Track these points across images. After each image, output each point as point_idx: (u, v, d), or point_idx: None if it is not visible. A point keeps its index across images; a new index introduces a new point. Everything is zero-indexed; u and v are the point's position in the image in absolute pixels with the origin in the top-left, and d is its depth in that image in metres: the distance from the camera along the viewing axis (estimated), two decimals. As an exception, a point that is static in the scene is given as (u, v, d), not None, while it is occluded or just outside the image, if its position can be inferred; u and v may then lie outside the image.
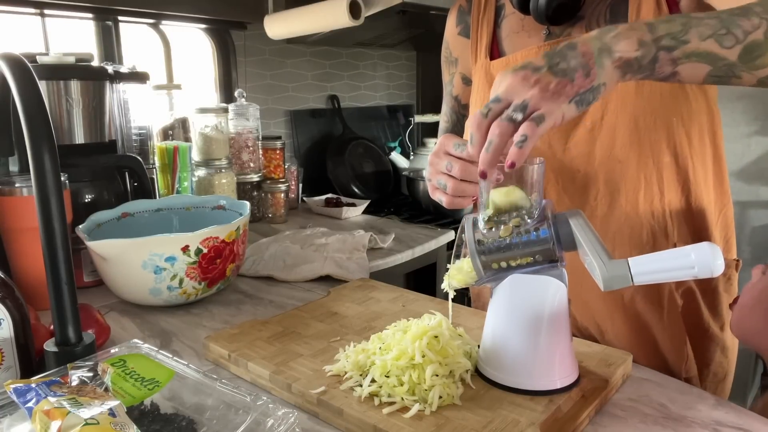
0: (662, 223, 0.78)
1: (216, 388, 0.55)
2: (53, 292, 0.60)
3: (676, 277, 0.54)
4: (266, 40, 1.69)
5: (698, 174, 0.78)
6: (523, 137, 0.52)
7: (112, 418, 0.45)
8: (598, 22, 0.78)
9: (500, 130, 0.54)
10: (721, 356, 0.82)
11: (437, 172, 0.68)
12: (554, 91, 0.53)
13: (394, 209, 1.87)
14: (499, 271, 0.62)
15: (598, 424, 0.60)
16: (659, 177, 0.77)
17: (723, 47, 0.54)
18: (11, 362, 0.63)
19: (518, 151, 0.52)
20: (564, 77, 0.53)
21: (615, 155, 0.78)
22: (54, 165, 0.59)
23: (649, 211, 0.78)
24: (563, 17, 0.79)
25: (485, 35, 0.90)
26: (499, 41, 0.89)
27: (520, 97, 0.54)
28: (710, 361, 0.81)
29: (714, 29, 0.54)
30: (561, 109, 0.53)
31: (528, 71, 0.54)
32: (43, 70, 1.06)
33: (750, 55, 0.54)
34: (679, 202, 0.78)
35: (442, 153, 0.67)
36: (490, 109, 0.56)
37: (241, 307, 0.96)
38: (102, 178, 1.12)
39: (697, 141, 0.77)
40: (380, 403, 0.60)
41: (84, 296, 0.96)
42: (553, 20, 0.79)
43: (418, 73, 2.49)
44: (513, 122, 0.53)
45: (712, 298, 0.81)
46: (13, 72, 0.60)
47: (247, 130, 1.57)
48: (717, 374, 0.82)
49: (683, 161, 0.77)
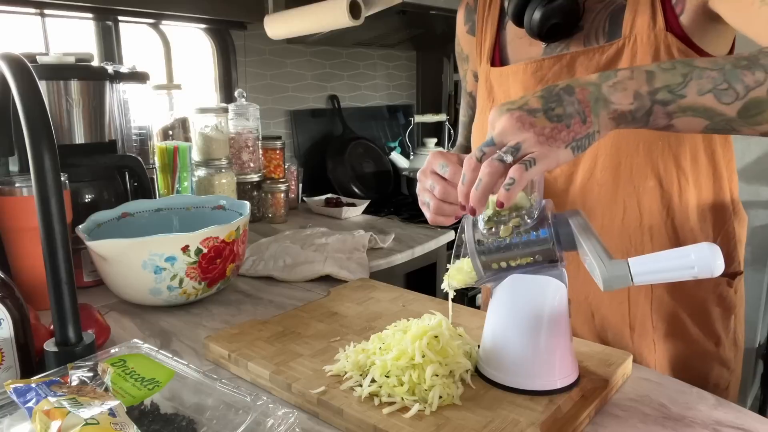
0: (640, 247, 0.77)
1: (216, 388, 0.55)
2: (53, 292, 0.60)
3: (676, 277, 0.54)
4: (266, 40, 1.69)
5: (689, 196, 0.76)
6: (512, 180, 0.52)
7: (112, 418, 0.45)
8: (597, 34, 0.77)
9: (490, 170, 0.53)
10: (721, 369, 0.81)
11: (423, 189, 0.70)
12: (549, 135, 0.52)
13: (394, 209, 1.87)
14: (499, 271, 0.62)
15: (598, 424, 0.60)
16: (639, 201, 0.76)
17: (722, 103, 0.52)
18: (11, 362, 0.63)
19: (506, 194, 0.52)
20: (560, 122, 0.53)
21: (595, 178, 0.78)
22: (54, 165, 0.59)
23: (626, 235, 0.78)
24: (557, 36, 0.78)
25: (488, 37, 0.89)
26: (503, 45, 0.88)
27: (514, 139, 0.53)
28: (707, 375, 0.80)
29: (714, 83, 0.52)
30: (556, 153, 0.53)
31: (523, 113, 0.53)
32: (43, 70, 1.06)
33: (749, 112, 0.52)
34: (663, 225, 0.77)
35: (428, 171, 0.69)
36: (484, 153, 0.55)
37: (241, 307, 0.96)
38: (102, 178, 1.12)
39: (689, 162, 0.75)
40: (380, 403, 0.60)
41: (84, 296, 0.96)
42: (547, 38, 0.79)
43: (418, 73, 2.49)
44: (504, 163, 0.53)
45: (702, 318, 0.80)
46: (13, 72, 0.60)
47: (247, 130, 1.57)
48: (719, 385, 0.81)
49: (668, 185, 0.75)
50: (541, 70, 0.80)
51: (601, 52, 0.75)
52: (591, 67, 0.76)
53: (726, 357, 0.81)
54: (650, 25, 0.71)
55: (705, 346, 0.80)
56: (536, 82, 0.81)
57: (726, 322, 0.80)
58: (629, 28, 0.72)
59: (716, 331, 0.80)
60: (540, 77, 0.81)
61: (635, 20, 0.72)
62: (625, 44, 0.73)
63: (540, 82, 0.81)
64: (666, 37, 0.70)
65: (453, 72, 2.34)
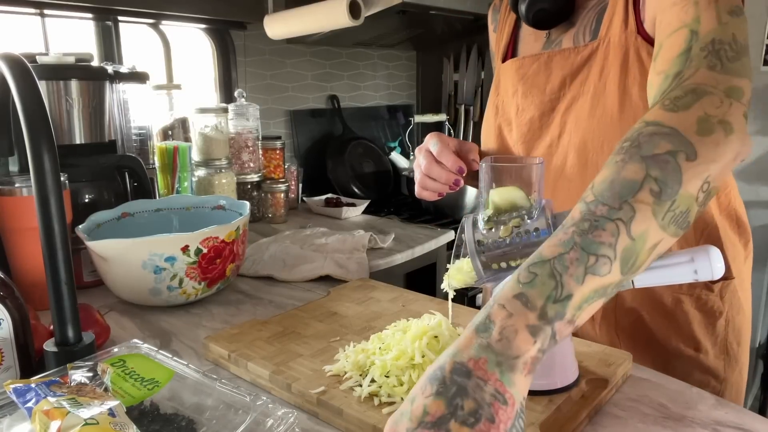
0: None
1: (216, 388, 0.55)
2: (53, 292, 0.60)
3: (677, 280, 0.54)
4: (266, 40, 1.69)
5: None
6: None
7: (111, 418, 0.45)
8: (585, 31, 0.77)
9: None
10: (704, 376, 0.79)
11: (416, 164, 0.78)
12: None
13: (394, 209, 1.87)
14: (499, 271, 0.62)
15: (598, 424, 0.60)
16: None
17: (603, 276, 0.44)
18: (11, 362, 0.63)
19: None
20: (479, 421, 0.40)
21: (566, 174, 0.78)
22: (54, 165, 0.59)
23: None
24: (544, 23, 0.79)
25: (505, 36, 0.91)
26: (516, 43, 0.90)
27: None
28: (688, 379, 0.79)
29: (582, 262, 0.44)
30: None
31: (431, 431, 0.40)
32: (43, 70, 1.06)
33: (628, 265, 0.45)
34: None
35: (423, 149, 0.77)
36: None
37: (240, 307, 0.96)
38: (102, 178, 1.12)
39: None
40: (380, 403, 0.60)
41: (84, 296, 0.96)
42: (536, 25, 0.80)
43: (418, 73, 2.49)
44: None
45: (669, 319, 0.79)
46: (13, 72, 0.60)
47: (246, 130, 1.57)
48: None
49: None
50: (523, 67, 0.83)
51: (576, 53, 0.76)
52: (566, 67, 0.77)
53: (710, 365, 0.79)
54: (622, 27, 0.71)
55: (678, 347, 0.79)
56: (519, 79, 0.84)
57: (710, 328, 0.79)
58: (606, 30, 0.73)
59: (694, 335, 0.79)
60: (522, 74, 0.83)
61: (612, 22, 0.73)
62: (599, 46, 0.73)
63: (522, 80, 0.83)
64: (636, 39, 0.70)
65: (453, 72, 2.34)
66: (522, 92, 0.83)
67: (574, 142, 0.76)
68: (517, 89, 0.84)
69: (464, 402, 0.40)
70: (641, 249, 0.45)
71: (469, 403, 0.40)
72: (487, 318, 0.44)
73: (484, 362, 0.42)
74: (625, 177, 0.46)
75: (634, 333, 0.81)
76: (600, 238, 0.44)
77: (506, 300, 0.44)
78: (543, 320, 0.43)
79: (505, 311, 0.43)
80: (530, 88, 0.82)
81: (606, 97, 0.73)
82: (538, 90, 0.81)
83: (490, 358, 0.42)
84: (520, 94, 0.84)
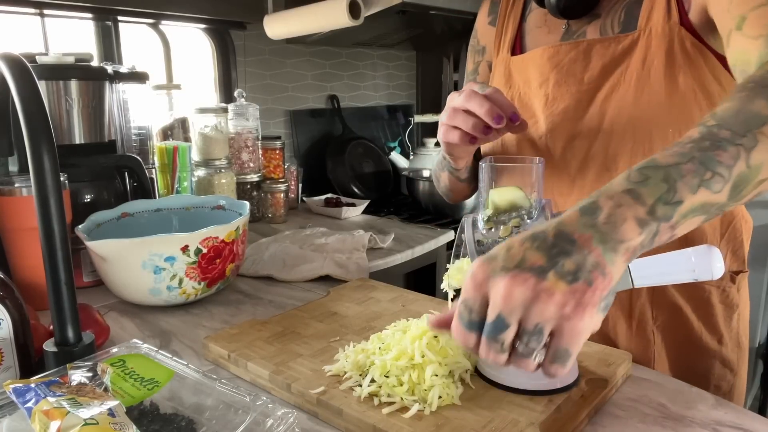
0: None
1: (215, 388, 0.55)
2: (52, 292, 0.60)
3: (676, 279, 0.54)
4: (266, 40, 1.69)
5: None
6: None
7: (111, 418, 0.45)
8: (613, 23, 0.77)
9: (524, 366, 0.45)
10: (722, 370, 0.80)
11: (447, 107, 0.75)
12: (578, 303, 0.42)
13: (393, 209, 1.87)
14: (499, 271, 0.62)
15: (598, 424, 0.60)
16: None
17: (714, 193, 0.46)
18: (11, 362, 0.63)
19: None
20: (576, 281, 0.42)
21: (606, 164, 0.78)
22: (53, 165, 0.59)
23: None
24: (577, 10, 0.79)
25: (510, 29, 0.90)
26: (523, 36, 0.89)
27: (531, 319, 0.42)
28: (708, 374, 0.80)
29: (698, 174, 0.45)
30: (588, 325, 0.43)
31: (529, 275, 0.42)
32: (43, 70, 1.06)
33: (737, 191, 0.47)
34: None
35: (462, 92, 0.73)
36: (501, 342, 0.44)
37: (240, 307, 0.96)
38: (102, 178, 1.12)
39: None
40: (380, 403, 0.60)
41: (84, 296, 0.96)
42: (567, 14, 0.79)
43: (418, 73, 2.49)
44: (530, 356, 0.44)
45: (704, 312, 0.79)
46: (13, 72, 0.60)
47: (246, 130, 1.57)
48: (720, 387, 0.80)
49: None
50: (558, 55, 0.81)
51: (617, 42, 0.75)
52: (606, 56, 0.76)
53: (728, 357, 0.81)
54: (665, 18, 0.72)
55: (706, 341, 0.80)
56: (552, 68, 0.82)
57: (728, 321, 0.80)
58: (645, 21, 0.73)
59: (719, 327, 0.80)
60: (556, 62, 0.81)
61: (651, 13, 0.73)
62: (641, 36, 0.74)
63: (555, 68, 0.81)
64: (680, 30, 0.71)
65: (453, 72, 2.34)
66: (555, 81, 0.82)
67: (618, 131, 0.76)
68: (548, 78, 0.82)
69: (565, 261, 0.42)
70: (753, 179, 0.47)
71: (569, 263, 0.42)
72: (594, 203, 0.45)
73: (590, 237, 0.43)
74: (751, 109, 0.48)
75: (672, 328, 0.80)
76: (720, 158, 0.46)
77: (614, 193, 0.45)
78: (651, 216, 0.44)
79: (614, 201, 0.44)
80: (565, 76, 0.81)
81: (651, 85, 0.73)
82: (574, 79, 0.80)
83: (595, 235, 0.43)
84: (551, 83, 0.82)
